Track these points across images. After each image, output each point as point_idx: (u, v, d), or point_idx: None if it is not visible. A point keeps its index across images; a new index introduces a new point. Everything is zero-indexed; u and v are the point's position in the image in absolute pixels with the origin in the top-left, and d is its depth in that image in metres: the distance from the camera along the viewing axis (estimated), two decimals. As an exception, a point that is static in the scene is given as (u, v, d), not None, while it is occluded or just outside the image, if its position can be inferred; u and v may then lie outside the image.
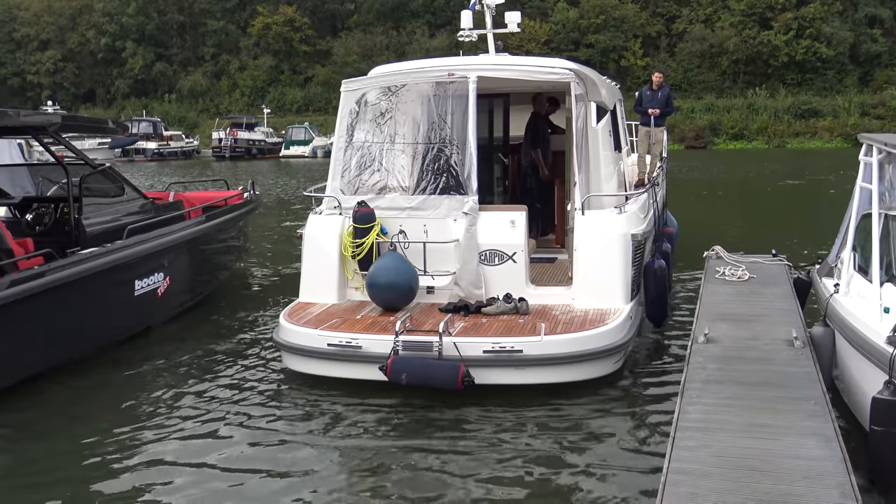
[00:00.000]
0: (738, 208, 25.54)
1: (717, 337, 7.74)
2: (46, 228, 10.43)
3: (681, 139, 63.05)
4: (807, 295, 9.59)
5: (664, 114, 14.07)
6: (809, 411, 5.90)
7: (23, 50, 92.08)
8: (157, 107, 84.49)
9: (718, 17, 74.00)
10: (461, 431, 7.16)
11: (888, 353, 5.59)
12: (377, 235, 9.17)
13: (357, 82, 10.05)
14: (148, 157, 64.43)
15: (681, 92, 68.94)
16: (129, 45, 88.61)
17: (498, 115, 12.29)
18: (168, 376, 8.97)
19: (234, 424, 7.48)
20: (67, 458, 6.87)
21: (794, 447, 5.32)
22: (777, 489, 4.77)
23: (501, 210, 9.55)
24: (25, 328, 8.30)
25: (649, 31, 76.15)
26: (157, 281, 10.52)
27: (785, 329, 7.87)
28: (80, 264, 9.11)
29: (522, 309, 8.58)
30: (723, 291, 9.66)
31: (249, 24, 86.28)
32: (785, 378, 6.63)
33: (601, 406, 7.69)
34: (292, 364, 8.51)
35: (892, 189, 7.14)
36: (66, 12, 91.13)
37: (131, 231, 10.21)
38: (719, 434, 5.58)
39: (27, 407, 8.00)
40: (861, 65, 72.17)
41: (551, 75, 9.66)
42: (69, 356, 9.10)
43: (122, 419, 7.65)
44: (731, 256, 11.23)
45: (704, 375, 6.76)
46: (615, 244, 8.76)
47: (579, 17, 75.70)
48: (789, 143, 64.35)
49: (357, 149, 9.83)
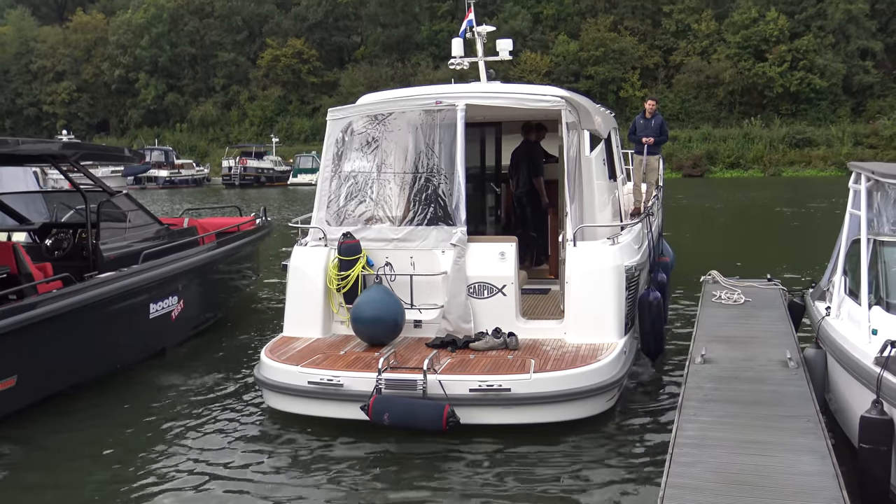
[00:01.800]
0: (735, 235, 25.61)
1: (714, 358, 7.81)
2: (65, 253, 10.52)
3: (678, 168, 63.24)
4: (801, 318, 9.64)
5: (658, 142, 13.66)
6: (803, 429, 5.97)
7: (39, 81, 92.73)
8: (168, 136, 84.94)
9: (714, 49, 74.36)
10: (447, 470, 6.72)
11: (876, 373, 5.66)
12: (363, 268, 8.71)
13: (343, 111, 9.59)
14: (160, 184, 64.68)
15: (678, 122, 69.20)
16: (141, 76, 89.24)
17: (490, 144, 11.80)
18: (157, 405, 8.77)
19: (209, 463, 7.08)
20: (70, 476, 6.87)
21: (789, 463, 5.38)
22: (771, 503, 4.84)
23: (491, 241, 9.02)
24: (45, 349, 8.38)
25: (647, 63, 76.50)
26: (172, 304, 10.59)
27: (779, 350, 7.94)
28: (98, 288, 9.19)
29: (512, 344, 8.09)
30: (719, 314, 9.72)
31: (259, 56, 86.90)
32: (779, 397, 6.69)
33: (594, 441, 7.25)
34: (273, 402, 7.96)
35: (880, 215, 7.22)
36: (81, 45, 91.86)
37: (147, 256, 10.30)
38: (715, 450, 5.63)
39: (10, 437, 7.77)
40: (854, 95, 72.37)
41: (542, 103, 9.10)
42: (88, 376, 9.18)
43: (112, 446, 7.57)
44: (728, 281, 11.31)
45: (701, 395, 6.82)
46: (608, 277, 8.27)
47: (579, 50, 76.12)
48: (784, 171, 64.44)
49: (343, 179, 9.34)
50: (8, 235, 11.06)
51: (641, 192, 13.47)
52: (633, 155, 13.85)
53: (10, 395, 7.95)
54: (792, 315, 9.64)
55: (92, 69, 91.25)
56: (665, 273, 10.80)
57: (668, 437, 6.27)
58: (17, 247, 9.49)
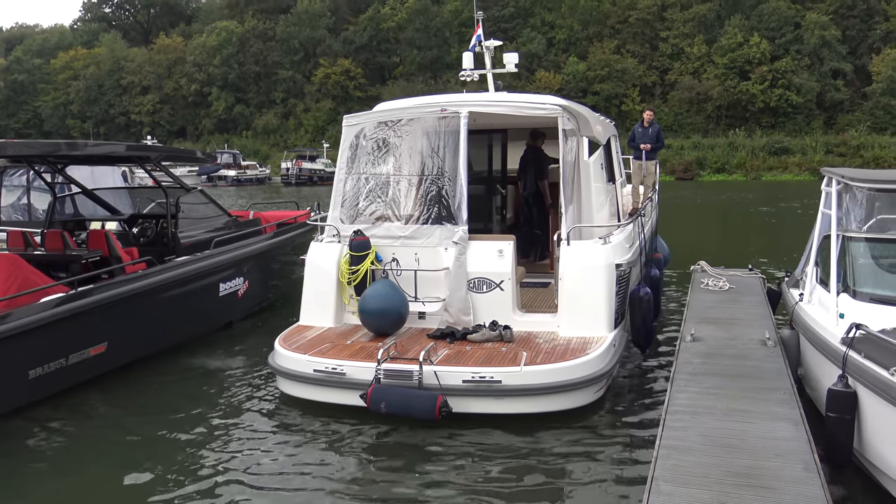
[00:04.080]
0: (721, 230, 25.34)
1: (702, 337, 7.73)
2: (149, 240, 10.60)
3: (671, 172, 62.53)
4: (777, 303, 9.51)
5: (655, 148, 13.35)
6: (780, 400, 5.90)
7: (128, 94, 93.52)
8: (236, 141, 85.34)
9: (705, 69, 73.47)
10: (443, 457, 6.16)
11: (842, 351, 5.56)
12: (372, 263, 8.28)
13: (357, 117, 9.12)
14: (228, 182, 65.03)
15: (672, 132, 68.47)
16: (214, 90, 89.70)
17: (497, 150, 11.15)
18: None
19: (219, 435, 6.77)
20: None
21: (767, 429, 5.32)
22: (752, 464, 4.77)
23: (490, 240, 8.39)
24: (131, 321, 8.47)
25: (646, 81, 75.74)
26: (238, 284, 10.65)
27: (759, 331, 7.84)
28: (175, 269, 9.29)
29: (507, 337, 7.59)
30: (707, 299, 9.61)
31: (313, 73, 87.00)
32: (759, 371, 6.61)
33: (584, 428, 6.71)
34: (284, 387, 7.58)
35: (848, 214, 7.09)
36: (164, 63, 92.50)
37: (217, 243, 10.36)
38: (703, 417, 5.58)
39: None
40: (826, 110, 71.27)
41: (539, 111, 8.50)
42: (169, 344, 9.29)
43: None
44: (714, 270, 11.16)
45: (691, 368, 6.75)
46: (599, 274, 7.71)
47: (587, 70, 75.53)
48: (764, 175, 63.55)
49: (356, 180, 8.88)
50: (102, 224, 11.16)
51: (639, 193, 13.14)
52: (632, 160, 13.60)
53: (101, 359, 8.06)
54: (770, 300, 9.52)
55: (172, 84, 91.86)
56: (658, 269, 10.33)
57: (658, 412, 6.03)
58: (108, 234, 9.59)
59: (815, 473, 4.57)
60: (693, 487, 4.47)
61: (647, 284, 8.89)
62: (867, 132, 65.53)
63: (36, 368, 7.24)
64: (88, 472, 6.16)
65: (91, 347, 7.90)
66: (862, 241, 6.80)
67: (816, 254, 7.69)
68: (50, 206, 11.47)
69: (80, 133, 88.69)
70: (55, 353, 7.46)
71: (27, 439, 6.73)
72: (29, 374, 7.18)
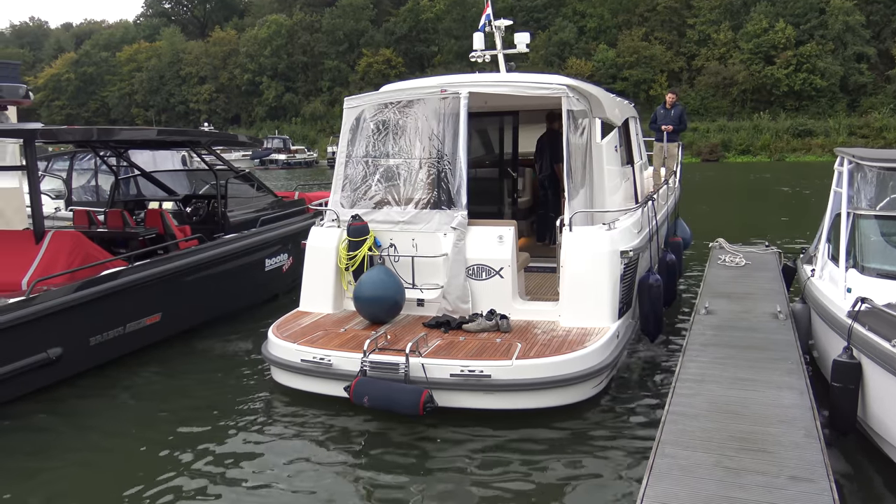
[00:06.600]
0: (743, 209, 24.83)
1: (716, 310, 7.63)
2: (201, 218, 10.78)
3: (697, 154, 61.45)
4: (792, 278, 9.33)
5: (677, 130, 12.81)
6: (787, 370, 5.81)
7: (186, 84, 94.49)
8: (286, 127, 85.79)
9: (730, 55, 71.60)
10: (427, 451, 5.61)
11: (847, 324, 5.45)
12: (370, 248, 7.70)
13: (357, 99, 8.43)
14: (279, 165, 65.57)
15: (698, 115, 67.14)
16: (265, 80, 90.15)
17: (508, 132, 10.34)
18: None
19: (205, 419, 6.41)
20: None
21: (773, 397, 5.26)
22: (755, 429, 4.73)
23: (490, 225, 7.60)
24: (183, 293, 8.64)
25: (673, 67, 74.11)
26: (283, 260, 10.77)
27: (771, 305, 7.72)
28: (224, 246, 9.43)
29: (503, 327, 6.88)
30: (723, 274, 9.47)
31: (356, 63, 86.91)
32: (769, 343, 6.52)
33: (582, 417, 6.10)
34: (276, 375, 7.05)
35: (859, 193, 6.92)
36: (219, 55, 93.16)
37: (263, 221, 10.48)
38: (711, 385, 5.52)
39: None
40: (849, 93, 69.05)
41: (542, 90, 7.67)
42: (219, 314, 9.47)
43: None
44: (732, 247, 11.00)
45: (703, 339, 6.67)
46: (602, 261, 6.97)
47: (616, 56, 74.18)
48: (788, 157, 62.01)
49: (356, 163, 8.21)
50: (159, 204, 11.40)
51: (660, 176, 12.71)
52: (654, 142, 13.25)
53: (156, 328, 8.25)
54: (785, 276, 9.35)
55: (227, 74, 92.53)
56: (675, 253, 9.67)
57: (662, 403, 5.48)
58: (163, 213, 9.79)
59: (816, 439, 4.50)
60: (696, 451, 4.44)
61: (661, 270, 8.39)
62: (890, 114, 63.44)
63: (96, 336, 7.45)
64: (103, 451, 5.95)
65: (146, 317, 8.09)
66: (871, 219, 6.65)
67: (828, 231, 7.53)
68: (112, 187, 11.73)
69: (143, 120, 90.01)
70: (114, 321, 7.66)
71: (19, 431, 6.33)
72: (90, 340, 7.39)
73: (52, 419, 6.53)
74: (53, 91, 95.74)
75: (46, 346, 6.90)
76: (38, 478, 5.45)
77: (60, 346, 7.01)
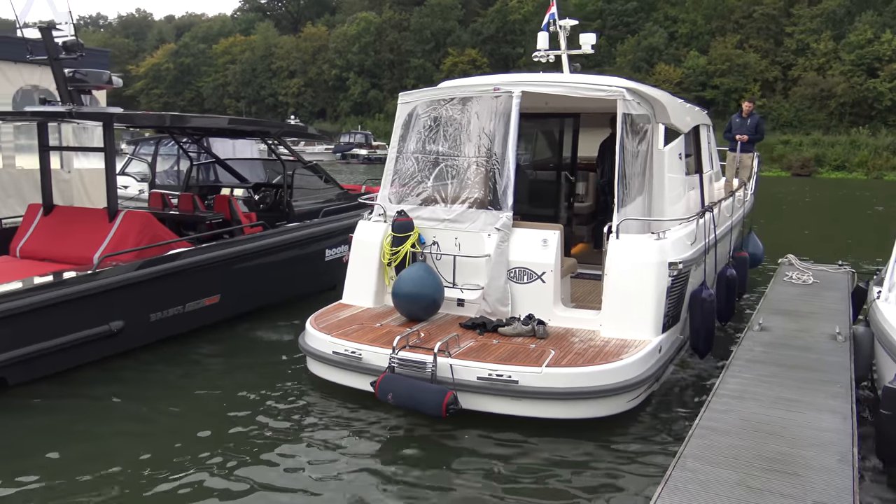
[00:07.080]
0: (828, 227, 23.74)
1: (771, 326, 7.38)
2: (267, 206, 11.12)
3: (788, 167, 59.04)
4: (863, 301, 8.88)
5: (752, 140, 12.40)
6: (833, 393, 5.58)
7: (277, 77, 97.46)
8: (369, 123, 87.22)
9: (830, 66, 68.46)
10: (454, 450, 5.57)
11: None
12: (413, 245, 7.59)
13: (410, 95, 8.33)
14: (360, 160, 66.60)
15: (791, 128, 64.59)
16: (351, 76, 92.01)
17: (568, 135, 10.03)
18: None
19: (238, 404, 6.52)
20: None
21: (812, 420, 5.06)
22: (786, 450, 4.56)
23: (536, 228, 7.41)
24: (242, 277, 8.93)
25: (767, 77, 71.47)
26: (343, 251, 10.85)
27: (831, 325, 7.40)
28: (286, 234, 9.68)
29: (540, 332, 6.68)
30: (786, 292, 9.13)
31: (442, 62, 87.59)
32: (820, 364, 6.27)
33: (613, 432, 5.85)
34: (310, 366, 7.08)
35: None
36: (309, 50, 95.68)
37: (326, 212, 10.70)
38: (749, 402, 5.36)
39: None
40: (959, 111, 65.02)
41: (598, 92, 7.39)
42: (279, 299, 9.73)
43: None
44: (801, 263, 10.58)
45: (751, 356, 6.47)
46: (647, 272, 6.69)
47: (707, 64, 72.12)
48: (886, 175, 58.85)
49: (406, 159, 8.15)
50: (231, 191, 11.83)
51: (733, 186, 12.30)
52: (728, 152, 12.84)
53: (214, 309, 8.57)
54: (856, 298, 8.91)
55: (315, 69, 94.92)
56: (737, 269, 9.07)
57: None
58: (231, 199, 10.15)
59: (849, 466, 4.31)
60: (720, 467, 4.32)
61: (719, 285, 8.01)
62: None
63: (157, 312, 7.82)
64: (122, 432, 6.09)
65: (206, 298, 8.42)
66: (942, 241, 6.28)
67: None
68: (187, 172, 12.26)
69: (234, 111, 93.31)
70: (174, 300, 8.02)
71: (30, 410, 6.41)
72: (150, 316, 7.77)
73: (109, 388, 6.90)
74: (153, 80, 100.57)
75: (109, 318, 7.30)
76: (88, 442, 5.78)
77: (122, 319, 7.40)
